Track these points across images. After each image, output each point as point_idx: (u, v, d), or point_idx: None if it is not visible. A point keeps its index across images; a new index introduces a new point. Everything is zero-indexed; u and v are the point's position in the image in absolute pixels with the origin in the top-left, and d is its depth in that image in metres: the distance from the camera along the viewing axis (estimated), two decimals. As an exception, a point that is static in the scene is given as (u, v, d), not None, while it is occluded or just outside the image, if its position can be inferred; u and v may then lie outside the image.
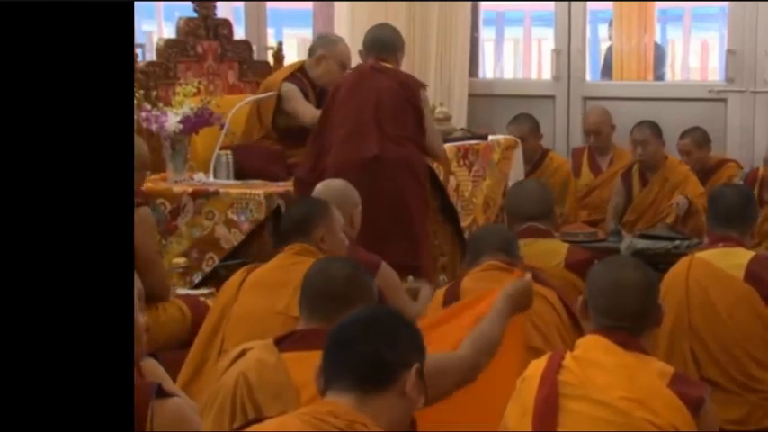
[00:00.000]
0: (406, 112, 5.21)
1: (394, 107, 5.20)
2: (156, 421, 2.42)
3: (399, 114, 5.20)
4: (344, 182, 4.57)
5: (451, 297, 3.99)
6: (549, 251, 4.65)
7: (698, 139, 6.68)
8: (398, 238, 5.01)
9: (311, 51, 5.98)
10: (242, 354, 3.11)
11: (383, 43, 5.41)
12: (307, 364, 2.94)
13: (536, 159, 6.83)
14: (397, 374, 2.47)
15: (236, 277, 4.01)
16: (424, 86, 5.36)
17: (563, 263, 4.61)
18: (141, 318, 2.74)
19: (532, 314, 3.83)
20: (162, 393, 2.53)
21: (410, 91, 5.24)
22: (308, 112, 5.79)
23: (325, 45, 5.95)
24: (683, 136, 6.69)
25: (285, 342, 3.11)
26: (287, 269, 3.91)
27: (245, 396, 2.98)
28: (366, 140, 5.13)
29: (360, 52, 5.51)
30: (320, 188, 4.53)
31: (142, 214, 4.40)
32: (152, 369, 3.14)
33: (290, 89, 5.83)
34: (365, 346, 2.48)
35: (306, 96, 5.88)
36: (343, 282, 3.15)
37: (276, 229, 4.18)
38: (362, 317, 2.57)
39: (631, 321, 3.00)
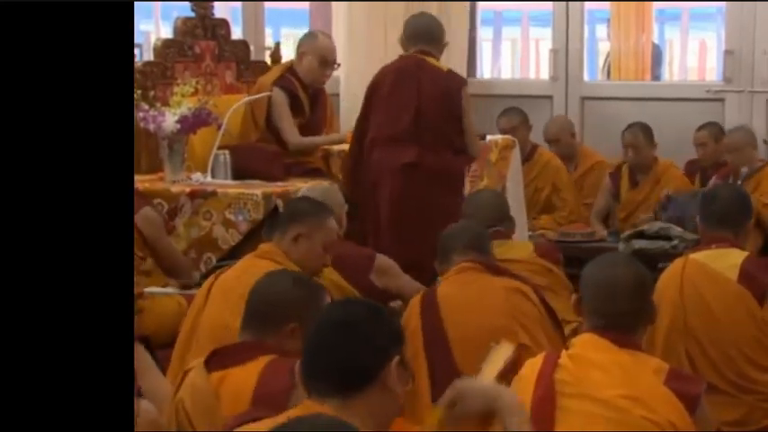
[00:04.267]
0: (446, 118, 5.25)
1: (434, 112, 5.24)
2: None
3: (439, 120, 5.25)
4: (331, 184, 4.61)
5: (429, 304, 3.94)
6: (520, 247, 4.84)
7: (715, 132, 6.66)
8: (428, 244, 5.04)
9: (296, 50, 6.00)
10: (185, 375, 3.08)
11: (426, 33, 5.39)
12: (230, 382, 2.97)
13: (526, 153, 6.83)
14: (376, 372, 2.44)
15: (206, 283, 3.99)
16: (465, 83, 5.37)
17: (534, 253, 4.75)
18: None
19: (518, 313, 3.86)
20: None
21: (452, 92, 5.26)
22: (291, 138, 5.80)
23: (305, 41, 5.96)
24: (699, 129, 6.66)
25: (214, 360, 3.05)
26: (242, 275, 3.85)
27: (184, 422, 2.98)
28: (405, 148, 5.20)
29: (400, 41, 5.49)
30: (307, 191, 4.55)
31: (147, 213, 4.48)
32: (139, 355, 3.17)
33: (278, 99, 5.83)
34: (340, 352, 2.44)
35: (296, 98, 5.89)
36: (275, 301, 3.09)
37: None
38: (335, 319, 2.52)
39: (624, 320, 3.02)
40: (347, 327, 2.48)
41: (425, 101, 5.23)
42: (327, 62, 5.90)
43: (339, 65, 6.08)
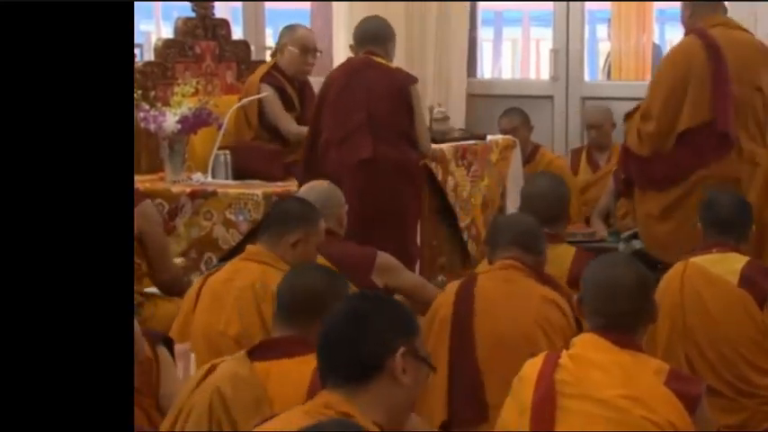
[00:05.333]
0: (398, 112, 5.22)
1: (386, 107, 5.21)
2: None
3: (392, 114, 5.21)
4: (330, 183, 4.59)
5: (465, 294, 3.94)
6: (559, 259, 4.49)
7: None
8: (391, 240, 5.02)
9: (277, 44, 6.03)
10: (211, 369, 3.02)
11: (373, 35, 5.41)
12: (280, 373, 2.95)
13: (527, 154, 6.84)
14: (380, 364, 2.46)
15: (195, 286, 3.97)
16: (414, 81, 5.37)
17: (566, 276, 4.42)
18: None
19: (544, 322, 3.83)
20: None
21: (401, 88, 5.25)
22: (290, 127, 5.84)
23: (284, 34, 6.01)
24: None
25: (258, 352, 3.04)
26: (231, 278, 3.85)
27: (220, 412, 2.91)
28: (360, 143, 5.16)
29: (351, 47, 5.51)
30: (305, 190, 4.52)
31: (144, 208, 4.44)
32: (161, 357, 3.21)
33: (268, 95, 5.85)
34: (343, 346, 2.48)
35: (284, 92, 5.91)
36: (317, 293, 3.08)
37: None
38: (340, 313, 2.56)
39: (624, 320, 3.03)
40: (351, 318, 2.52)
41: (375, 98, 5.21)
42: (308, 49, 5.95)
43: (321, 52, 6.12)
